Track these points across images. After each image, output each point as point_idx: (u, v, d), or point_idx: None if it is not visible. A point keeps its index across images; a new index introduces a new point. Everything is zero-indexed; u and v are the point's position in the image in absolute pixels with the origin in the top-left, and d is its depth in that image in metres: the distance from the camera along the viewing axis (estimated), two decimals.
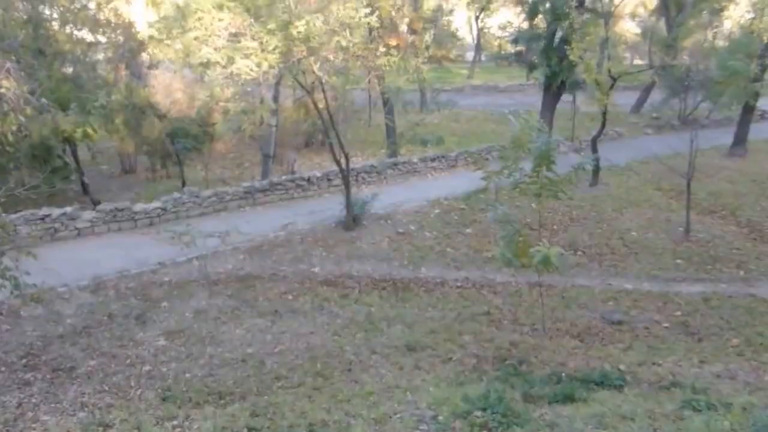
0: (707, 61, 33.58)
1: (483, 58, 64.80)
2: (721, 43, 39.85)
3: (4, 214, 12.67)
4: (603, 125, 26.42)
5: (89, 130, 22.90)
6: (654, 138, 33.80)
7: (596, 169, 25.50)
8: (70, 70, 24.67)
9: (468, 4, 62.26)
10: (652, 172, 27.51)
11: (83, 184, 24.27)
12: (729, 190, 25.60)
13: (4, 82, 15.49)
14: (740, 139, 32.35)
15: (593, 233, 20.77)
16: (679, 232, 20.62)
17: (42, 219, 19.02)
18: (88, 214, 19.94)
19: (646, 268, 18.21)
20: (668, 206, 23.56)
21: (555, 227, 21.12)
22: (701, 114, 38.41)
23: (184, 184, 24.84)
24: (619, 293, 16.56)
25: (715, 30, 43.19)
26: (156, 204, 21.15)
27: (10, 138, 17.97)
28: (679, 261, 18.73)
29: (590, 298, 16.25)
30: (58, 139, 22.60)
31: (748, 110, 32.26)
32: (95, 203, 22.02)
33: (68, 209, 19.59)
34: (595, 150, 26.11)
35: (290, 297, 15.74)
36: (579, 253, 19.27)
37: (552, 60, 29.60)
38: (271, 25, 17.32)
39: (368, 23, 18.79)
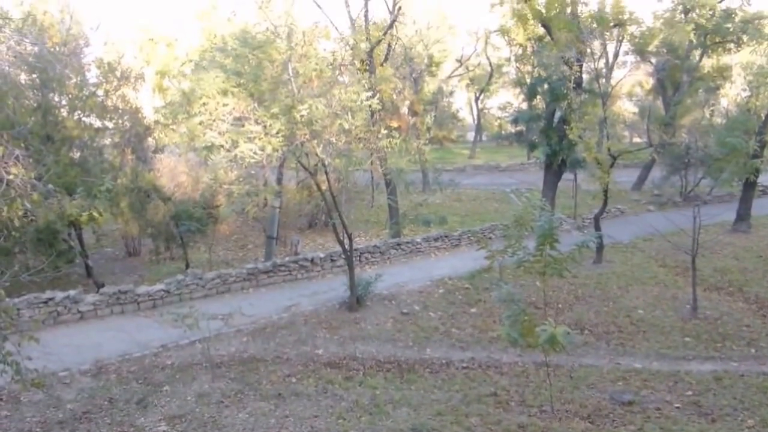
0: (706, 138, 34.07)
1: (484, 137, 65.87)
2: (718, 120, 40.49)
3: (8, 299, 12.61)
4: (605, 203, 26.55)
5: (95, 214, 22.98)
6: (657, 215, 33.91)
7: (600, 247, 25.49)
8: (77, 154, 25.04)
9: (468, 86, 63.78)
10: (656, 249, 27.44)
11: (87, 267, 24.27)
12: (735, 267, 25.45)
13: (13, 169, 15.63)
14: (743, 216, 32.40)
15: (599, 311, 20.53)
16: (686, 310, 20.37)
17: (45, 302, 18.94)
18: (92, 297, 19.87)
19: (655, 347, 17.89)
20: (674, 283, 23.38)
21: (560, 306, 20.90)
22: (703, 190, 38.67)
23: (187, 266, 24.84)
24: (629, 372, 16.21)
25: (712, 108, 43.96)
26: (159, 286, 21.09)
27: (16, 223, 18.06)
28: (688, 339, 18.41)
29: (599, 377, 15.90)
30: (64, 222, 22.72)
31: (750, 186, 32.43)
32: (99, 286, 21.96)
33: (71, 292, 19.54)
34: (598, 228, 26.16)
35: (294, 380, 15.45)
36: (586, 331, 18.99)
37: (552, 139, 30.01)
38: (275, 109, 17.66)
39: (370, 106, 19.14)
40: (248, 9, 24.17)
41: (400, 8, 26.45)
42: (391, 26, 26.43)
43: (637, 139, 54.58)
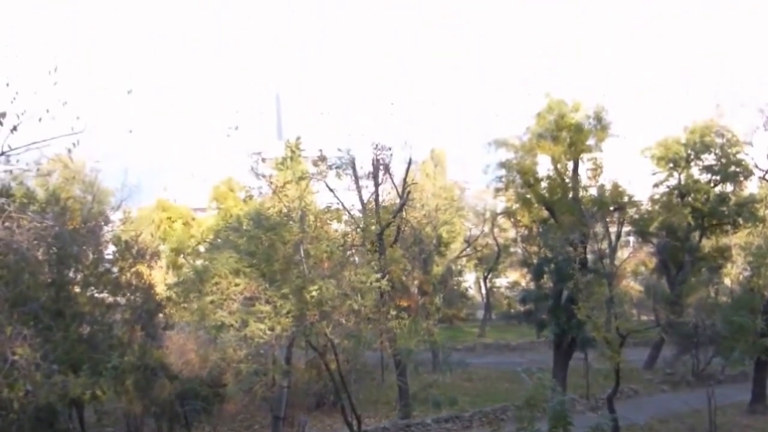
0: (713, 317, 34.05)
1: (493, 316, 65.76)
2: (724, 298, 40.65)
3: None
4: (617, 383, 26.07)
5: (98, 392, 22.74)
6: (670, 395, 33.14)
7: (615, 430, 24.69)
8: (86, 330, 25.09)
9: (476, 265, 64.75)
10: (672, 431, 26.56)
11: None
12: None
13: (19, 350, 15.73)
14: (758, 396, 31.54)
15: None
16: None
17: None
18: None
19: None
20: None
21: None
22: (716, 369, 37.99)
23: None
24: None
25: (716, 286, 44.25)
26: None
27: (15, 405, 17.82)
28: None
29: None
30: (65, 402, 22.36)
31: (762, 366, 31.85)
32: None
33: None
34: (612, 409, 25.46)
35: None
36: None
37: (560, 319, 30.07)
38: (286, 290, 18.01)
39: (380, 287, 19.47)
40: (264, 189, 25.37)
41: (409, 192, 27.63)
42: (400, 210, 27.46)
43: (644, 317, 54.42)
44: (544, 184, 35.92)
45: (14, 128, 11.24)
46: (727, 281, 46.13)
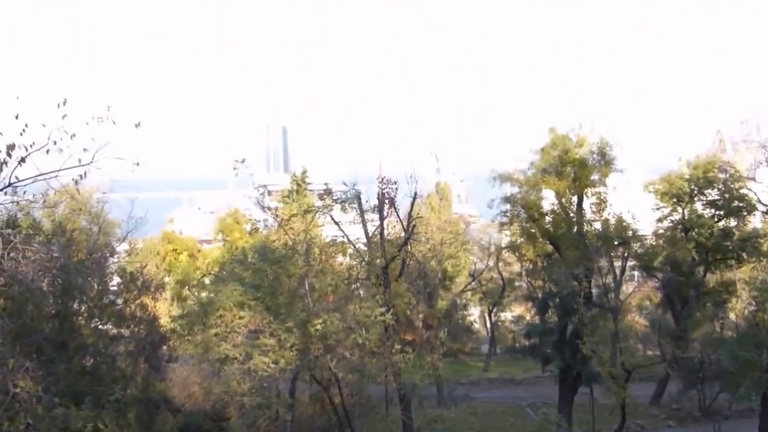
0: (719, 352, 33.84)
1: (498, 350, 65.42)
2: (729, 333, 40.41)
3: None
4: (623, 419, 25.96)
5: (100, 425, 22.62)
6: (677, 431, 32.78)
7: None
8: (90, 362, 25.04)
9: (481, 299, 64.63)
10: None
11: None
12: None
13: (21, 382, 15.71)
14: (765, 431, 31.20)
15: None
16: None
17: None
18: None
19: None
20: None
21: None
22: (722, 404, 37.62)
23: None
24: None
25: (721, 321, 44.04)
26: None
27: None
28: None
29: None
30: None
31: None
32: None
33: None
34: None
35: None
36: None
37: (565, 353, 29.97)
38: (290, 323, 18.06)
39: (384, 321, 19.50)
40: (270, 221, 25.56)
41: (414, 227, 27.74)
42: (405, 243, 27.52)
43: (650, 352, 54.08)
44: (548, 219, 36.05)
45: (22, 160, 11.39)
46: (732, 316, 45.91)
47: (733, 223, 40.38)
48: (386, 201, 26.19)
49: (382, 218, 27.01)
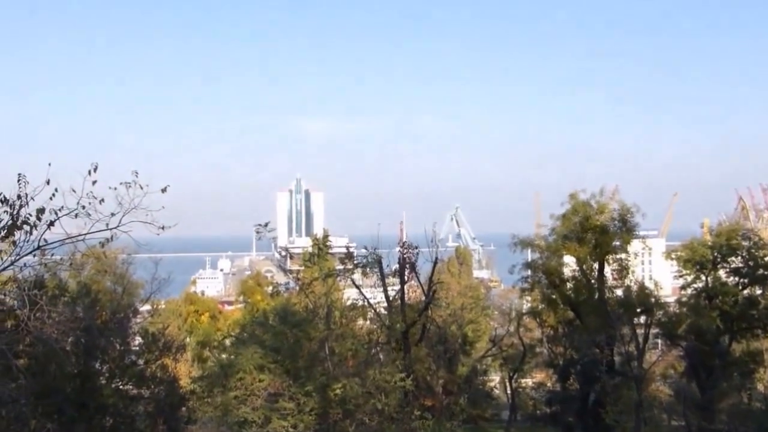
0: (747, 423, 33.01)
1: (519, 417, 64.23)
2: (758, 404, 39.44)
3: None
4: None
5: None
6: None
7: None
8: (109, 421, 25.04)
9: (501, 365, 63.83)
10: None
11: None
12: None
13: None
14: None
15: None
16: None
17: None
18: None
19: None
20: None
21: None
22: None
23: None
24: None
25: (749, 392, 43.00)
26: None
27: None
28: None
29: None
30: None
31: None
32: None
33: None
34: None
35: None
36: None
37: (587, 422, 29.52)
38: (309, 387, 18.08)
39: (404, 386, 19.43)
40: (291, 284, 25.85)
41: (435, 291, 27.82)
42: (426, 308, 27.57)
43: (675, 422, 52.74)
44: (569, 285, 35.97)
45: (51, 224, 11.73)
46: (760, 387, 44.82)
47: (758, 291, 39.88)
48: (407, 266, 26.36)
49: (402, 282, 27.14)
